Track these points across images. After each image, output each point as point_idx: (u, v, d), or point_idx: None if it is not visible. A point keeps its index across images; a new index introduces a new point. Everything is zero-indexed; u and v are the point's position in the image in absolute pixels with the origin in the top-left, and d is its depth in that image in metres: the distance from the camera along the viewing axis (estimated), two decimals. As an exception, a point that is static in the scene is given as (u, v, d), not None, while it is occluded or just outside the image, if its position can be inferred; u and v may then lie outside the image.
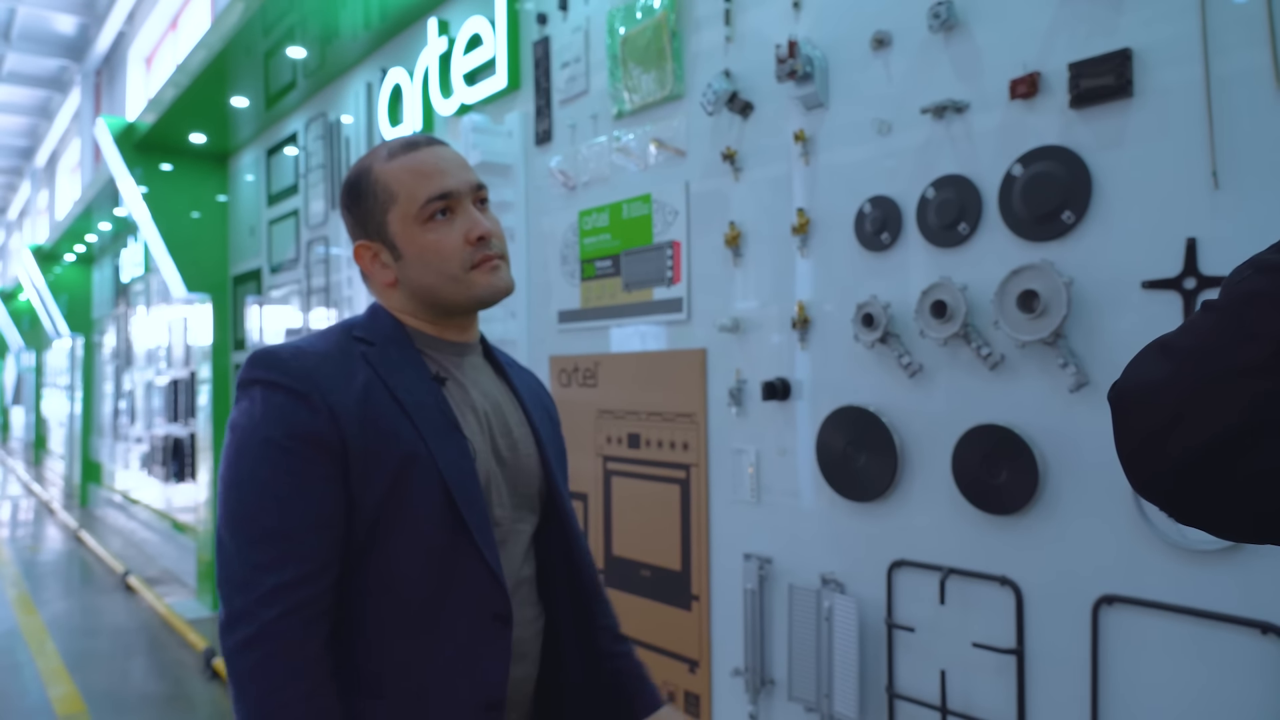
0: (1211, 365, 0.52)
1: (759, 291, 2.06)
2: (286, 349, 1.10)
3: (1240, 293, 0.53)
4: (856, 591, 1.83)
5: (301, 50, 3.97)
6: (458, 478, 1.11)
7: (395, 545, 1.09)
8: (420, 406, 1.12)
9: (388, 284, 1.18)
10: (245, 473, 1.05)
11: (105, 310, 9.52)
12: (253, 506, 1.04)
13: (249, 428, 1.07)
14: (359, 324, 1.18)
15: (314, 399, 1.06)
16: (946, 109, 1.66)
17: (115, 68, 12.84)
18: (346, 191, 1.19)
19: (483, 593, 1.12)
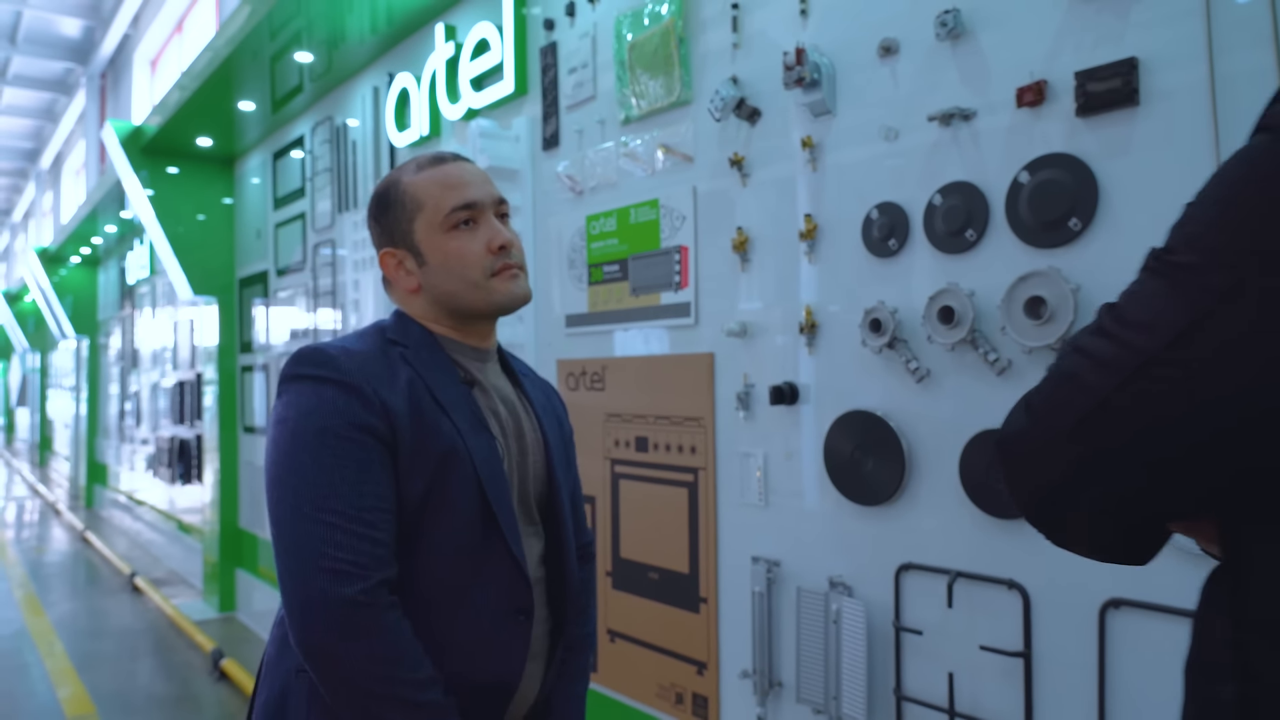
0: (1046, 428, 0.62)
1: (766, 296, 2.07)
2: (333, 347, 1.14)
3: (1061, 366, 0.63)
4: (864, 594, 1.85)
5: (309, 55, 3.99)
6: (490, 475, 1.17)
7: (433, 538, 1.13)
8: (456, 406, 1.17)
9: (411, 290, 1.23)
10: (306, 460, 1.06)
11: (111, 312, 9.55)
12: (322, 489, 1.05)
13: (301, 419, 1.09)
14: (390, 328, 1.23)
15: (366, 392, 1.10)
16: (954, 116, 1.67)
17: (120, 70, 12.88)
18: (376, 202, 1.26)
19: (509, 586, 1.18)
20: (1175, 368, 0.55)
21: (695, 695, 2.24)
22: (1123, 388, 0.57)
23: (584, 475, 2.60)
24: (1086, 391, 0.59)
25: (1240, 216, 0.54)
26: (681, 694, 2.28)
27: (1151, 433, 0.57)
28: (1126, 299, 0.60)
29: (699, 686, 2.23)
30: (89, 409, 10.58)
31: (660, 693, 2.35)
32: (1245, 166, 0.56)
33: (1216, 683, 0.60)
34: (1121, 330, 0.59)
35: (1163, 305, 0.56)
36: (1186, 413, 0.55)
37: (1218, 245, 0.55)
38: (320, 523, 1.04)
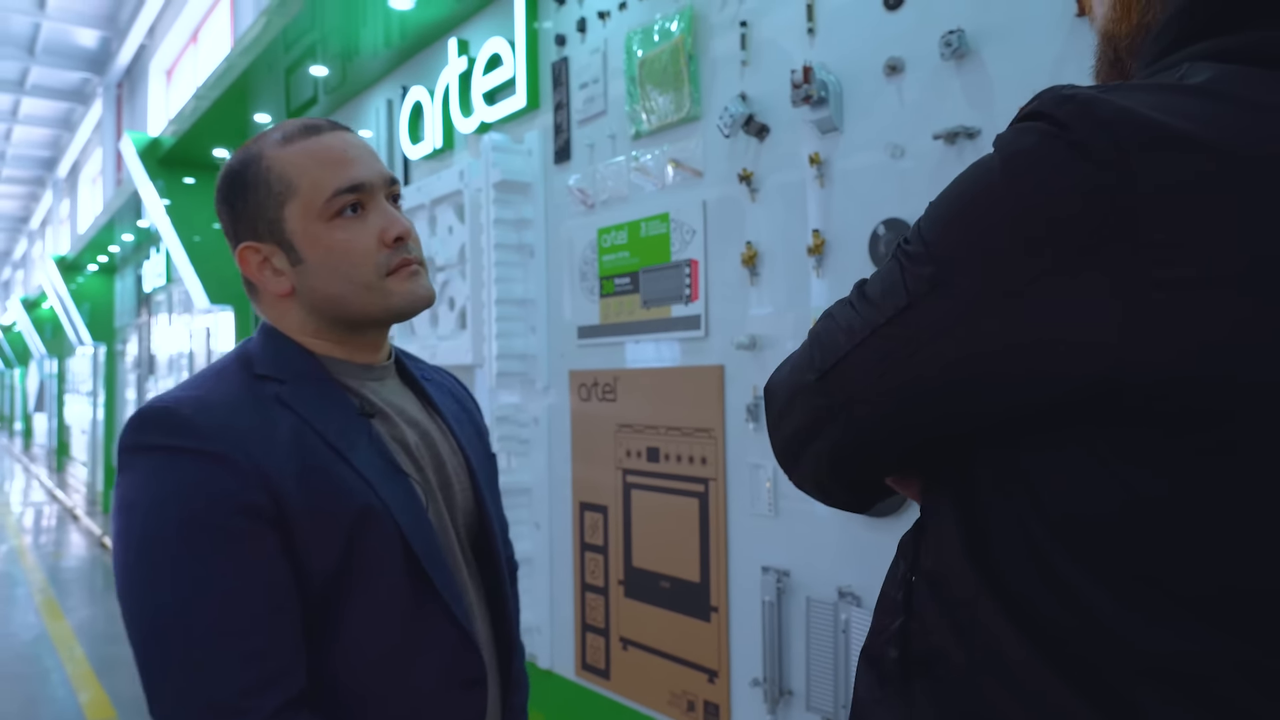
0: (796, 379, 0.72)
1: (775, 309, 2.11)
2: (184, 403, 0.90)
3: (816, 329, 0.72)
4: (872, 605, 1.87)
5: (324, 69, 4.05)
6: (414, 527, 0.96)
7: (354, 615, 0.93)
8: (357, 450, 0.96)
9: (282, 294, 1.00)
10: (164, 564, 0.85)
11: (127, 319, 9.66)
12: (189, 604, 0.84)
13: (154, 508, 0.86)
14: (257, 356, 0.99)
15: (236, 459, 0.87)
16: (958, 135, 1.70)
17: (136, 80, 13.03)
18: (229, 182, 1.01)
19: (453, 656, 0.99)
20: (892, 341, 0.63)
21: (707, 703, 2.27)
22: (855, 351, 0.66)
23: (596, 485, 2.64)
24: (829, 351, 0.68)
25: (954, 219, 0.61)
26: (693, 701, 2.31)
27: (868, 393, 0.65)
28: (873, 277, 0.68)
29: (710, 694, 2.27)
30: (106, 415, 10.70)
31: (672, 700, 2.38)
32: (968, 180, 0.62)
33: (889, 615, 0.71)
34: (860, 302, 0.67)
35: (891, 285, 0.64)
36: (896, 380, 0.64)
37: (935, 241, 0.61)
38: (191, 649, 0.83)
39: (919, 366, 0.62)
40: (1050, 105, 0.57)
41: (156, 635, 0.84)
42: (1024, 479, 0.59)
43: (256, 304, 1.05)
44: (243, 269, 1.01)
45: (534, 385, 2.93)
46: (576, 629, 2.73)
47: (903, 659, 0.66)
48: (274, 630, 0.87)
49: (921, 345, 0.61)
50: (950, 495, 0.66)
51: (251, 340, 1.03)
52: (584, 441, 2.72)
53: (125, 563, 0.87)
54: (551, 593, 2.85)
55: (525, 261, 2.93)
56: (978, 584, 0.61)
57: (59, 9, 12.14)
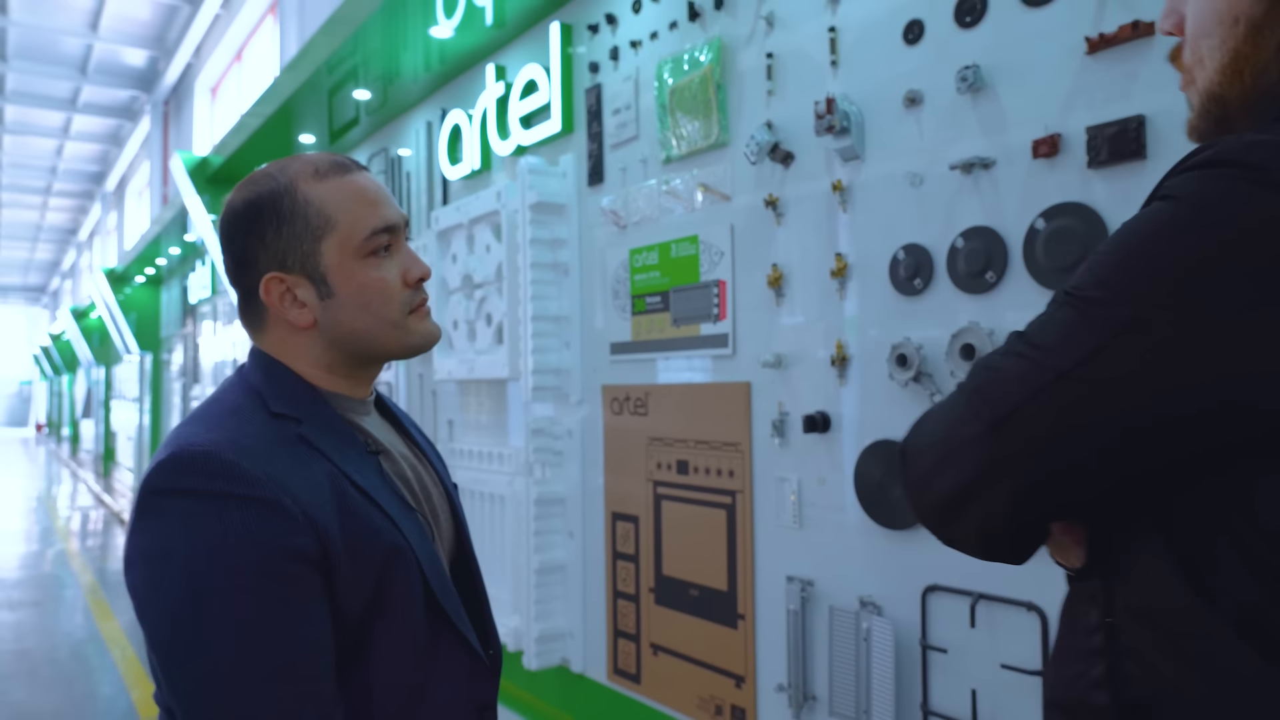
0: (955, 433, 0.72)
1: (800, 330, 2.19)
2: (223, 446, 0.89)
3: (972, 382, 0.73)
4: (893, 614, 1.95)
5: (366, 92, 4.21)
6: (429, 562, 1.00)
7: (381, 650, 0.96)
8: (378, 490, 0.99)
9: (303, 326, 1.00)
10: (216, 614, 0.84)
11: (173, 329, 9.96)
12: (245, 652, 0.85)
13: (201, 556, 0.85)
14: (268, 393, 0.99)
15: (285, 505, 0.88)
16: (974, 165, 1.78)
17: (182, 97, 13.43)
18: (251, 211, 0.99)
19: (469, 683, 1.04)
20: (1081, 384, 0.64)
21: (734, 707, 2.36)
22: (1034, 399, 0.66)
23: (628, 495, 2.75)
24: (998, 402, 0.68)
25: (1141, 265, 0.64)
26: (720, 705, 2.40)
27: (1057, 439, 0.66)
28: (1037, 327, 0.69)
29: (737, 698, 2.35)
30: (153, 421, 11.01)
31: (700, 704, 2.47)
32: (1149, 226, 0.66)
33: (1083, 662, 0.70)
34: (1033, 351, 0.67)
35: (1072, 332, 0.65)
36: (1087, 422, 0.64)
37: (1121, 286, 0.64)
38: (249, 699, 0.84)
39: (1122, 406, 0.63)
40: (1237, 152, 0.62)
41: (214, 687, 0.84)
42: (1246, 503, 0.60)
43: (259, 334, 1.04)
44: (265, 298, 1.00)
45: (568, 399, 3.03)
46: (608, 634, 2.83)
47: (1117, 703, 0.66)
48: (324, 671, 0.89)
49: (1122, 386, 0.62)
50: (1152, 532, 0.66)
51: (250, 373, 1.02)
52: (616, 454, 2.82)
53: (167, 614, 0.85)
54: (585, 599, 2.95)
55: (560, 279, 3.04)
56: (1205, 615, 0.61)
57: (110, 30, 12.58)
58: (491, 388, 3.64)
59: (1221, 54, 0.73)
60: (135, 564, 0.88)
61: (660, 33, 2.64)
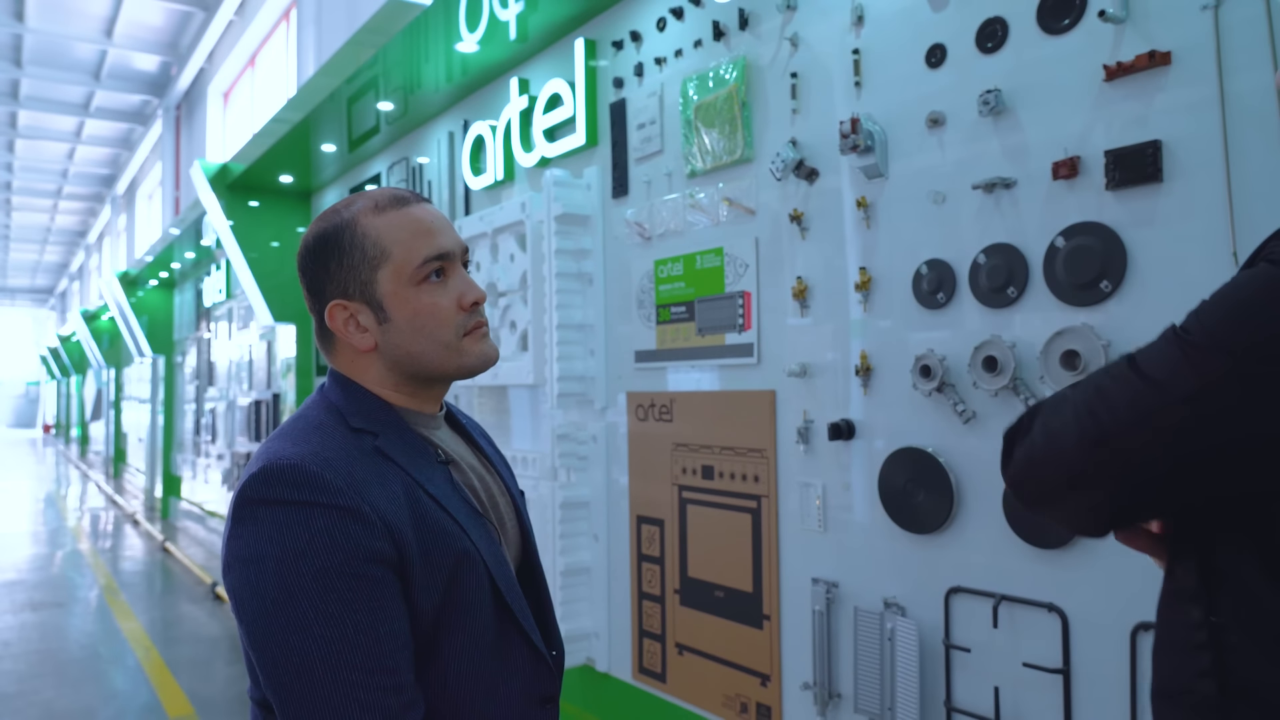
0: (1075, 437, 0.82)
1: (824, 340, 2.27)
2: (309, 459, 0.97)
3: (1084, 400, 0.82)
4: (916, 615, 2.03)
5: (389, 104, 4.29)
6: (497, 566, 1.07)
7: (453, 646, 1.03)
8: (448, 498, 1.06)
9: (365, 349, 1.09)
10: (307, 612, 0.92)
11: (187, 332, 10.06)
12: (335, 646, 0.92)
13: (291, 560, 0.93)
14: (347, 409, 1.07)
15: (364, 512, 0.96)
16: (996, 185, 1.86)
17: (194, 102, 13.55)
18: (321, 244, 1.08)
19: (533, 677, 1.11)
20: (1180, 415, 0.74)
21: (759, 705, 2.44)
22: (1140, 423, 0.77)
23: (653, 500, 2.83)
24: (1107, 422, 0.78)
25: (1241, 319, 0.74)
26: (746, 703, 2.48)
27: (1152, 458, 0.77)
28: (1148, 360, 0.79)
29: (763, 697, 2.43)
30: (166, 423, 11.11)
31: (726, 702, 2.55)
32: (1255, 284, 0.75)
33: (1189, 655, 0.80)
34: (1142, 381, 0.78)
35: (1178, 369, 0.75)
36: (1181, 449, 0.75)
37: (1224, 336, 0.74)
38: (339, 687, 0.91)
39: (1211, 440, 0.73)
40: None
41: (307, 677, 0.91)
42: None
43: (331, 355, 1.12)
44: (330, 324, 1.08)
45: (592, 405, 3.12)
46: (634, 635, 2.91)
47: (1224, 691, 0.76)
48: (406, 664, 0.96)
49: (1215, 422, 0.73)
50: (1246, 542, 0.76)
51: (330, 391, 1.10)
52: (641, 459, 2.90)
53: (263, 612, 0.93)
54: (610, 600, 3.03)
55: (584, 289, 3.12)
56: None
57: (124, 36, 12.70)
58: (494, 393, 3.74)
59: None
60: (233, 568, 0.96)
61: (685, 50, 2.72)
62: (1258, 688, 0.74)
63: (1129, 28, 1.66)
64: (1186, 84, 1.59)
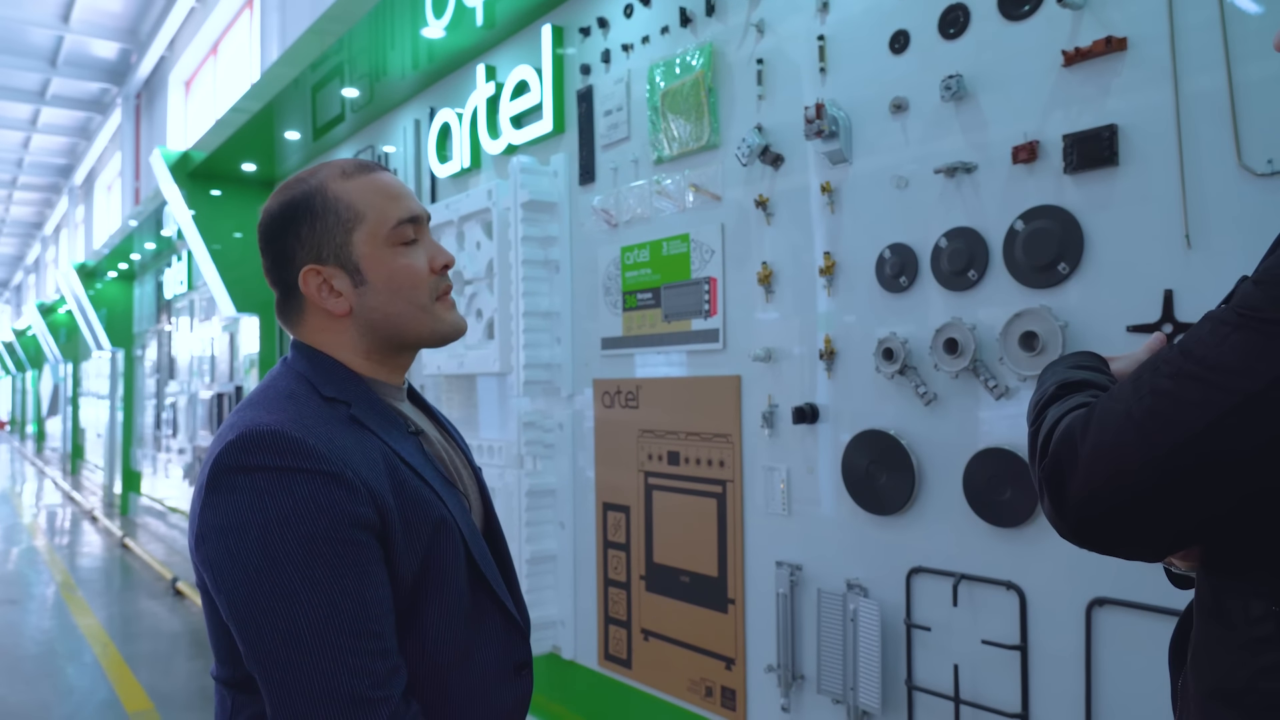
0: (1136, 453, 0.72)
1: (789, 325, 2.29)
2: (289, 425, 0.96)
3: (1146, 407, 0.73)
4: (878, 595, 2.05)
5: (354, 90, 4.24)
6: (470, 533, 1.08)
7: (431, 614, 1.03)
8: (423, 467, 1.06)
9: (340, 314, 1.07)
10: (293, 578, 0.90)
11: (147, 325, 9.87)
12: (322, 612, 0.91)
13: (274, 526, 0.91)
14: (317, 379, 1.05)
15: (348, 477, 0.94)
16: (957, 169, 1.88)
17: (155, 91, 13.28)
18: (287, 211, 1.07)
19: (507, 644, 1.12)
20: (1274, 402, 0.66)
21: (724, 688, 2.45)
22: (1224, 419, 0.68)
23: (619, 486, 2.83)
24: (1176, 427, 0.70)
25: None
26: (711, 687, 2.49)
27: (1250, 452, 0.68)
28: (1211, 349, 0.70)
29: (727, 680, 2.44)
30: (125, 418, 10.90)
31: (691, 686, 2.55)
32: None
33: (1251, 652, 0.73)
34: (1211, 374, 0.69)
35: (1259, 352, 0.68)
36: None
37: None
38: (328, 652, 0.90)
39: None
40: None
41: (295, 644, 0.89)
42: None
43: (298, 327, 1.10)
44: (304, 289, 1.06)
45: (559, 393, 3.11)
46: (599, 622, 2.91)
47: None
48: (390, 629, 0.96)
49: None
50: None
51: (295, 362, 1.08)
52: (607, 446, 2.90)
53: (246, 581, 0.90)
54: (576, 587, 3.02)
55: (551, 276, 3.11)
56: None
57: (82, 22, 12.41)
58: (463, 382, 3.72)
59: None
60: (209, 538, 0.93)
61: (652, 37, 2.72)
62: None
63: (1087, 14, 1.69)
64: (1142, 69, 1.62)
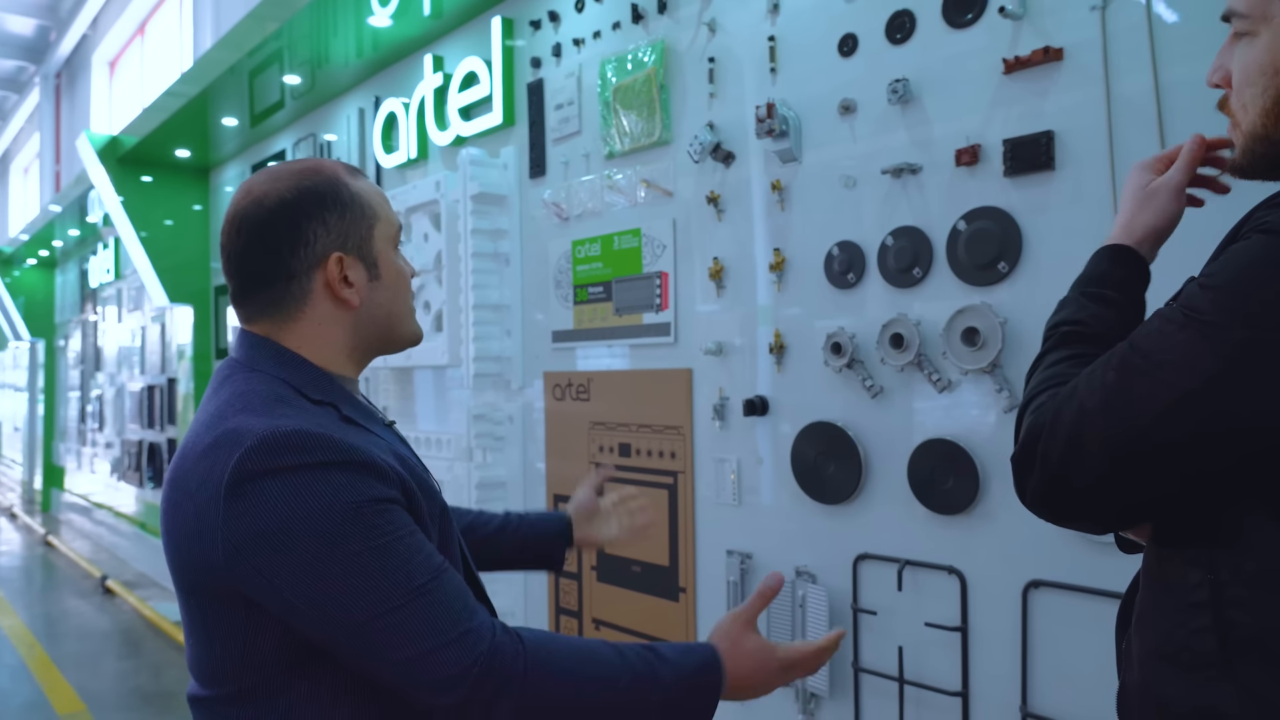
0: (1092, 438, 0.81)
1: (740, 319, 2.34)
2: (306, 424, 0.96)
3: (1096, 397, 0.81)
4: (826, 581, 2.12)
5: (296, 77, 4.16)
6: (452, 519, 1.12)
7: None
8: (410, 459, 1.08)
9: (350, 306, 1.08)
10: (357, 551, 0.91)
11: (70, 314, 9.51)
12: (396, 570, 0.92)
13: (318, 515, 0.91)
14: (303, 384, 1.04)
15: (379, 465, 0.97)
16: (903, 170, 1.95)
17: (76, 71, 12.74)
18: (310, 198, 1.05)
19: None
20: (1211, 396, 0.74)
21: (675, 675, 2.50)
22: (1168, 411, 0.76)
23: (570, 478, 2.85)
24: (1134, 417, 0.77)
25: (1249, 290, 0.75)
26: (662, 675, 2.53)
27: (1190, 440, 0.76)
28: (1157, 346, 0.78)
29: (678, 667, 2.49)
30: (46, 411, 10.48)
31: (642, 674, 2.60)
32: (1253, 253, 0.76)
33: (1188, 615, 0.81)
34: (1160, 369, 0.77)
35: (1197, 351, 0.75)
36: (1217, 426, 0.75)
37: (1237, 309, 0.74)
38: (418, 599, 0.92)
39: (1244, 414, 0.73)
40: None
41: (382, 606, 0.91)
42: None
43: (286, 323, 1.07)
44: (327, 275, 1.06)
45: (508, 386, 3.11)
46: (550, 612, 2.93)
47: (1223, 646, 0.77)
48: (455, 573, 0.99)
49: (1244, 397, 0.73)
50: (1257, 506, 0.77)
51: (264, 366, 1.05)
52: (558, 438, 2.92)
53: (309, 570, 0.90)
54: (526, 578, 3.04)
55: (501, 269, 3.11)
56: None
57: (-5, -4, 11.84)
58: (401, 374, 3.70)
59: (1264, 100, 0.84)
60: (249, 547, 0.91)
61: (603, 32, 2.74)
62: (1263, 635, 0.76)
63: (1026, 24, 1.77)
64: (1077, 78, 1.70)
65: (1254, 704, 0.76)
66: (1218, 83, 0.91)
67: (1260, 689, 0.76)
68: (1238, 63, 0.88)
